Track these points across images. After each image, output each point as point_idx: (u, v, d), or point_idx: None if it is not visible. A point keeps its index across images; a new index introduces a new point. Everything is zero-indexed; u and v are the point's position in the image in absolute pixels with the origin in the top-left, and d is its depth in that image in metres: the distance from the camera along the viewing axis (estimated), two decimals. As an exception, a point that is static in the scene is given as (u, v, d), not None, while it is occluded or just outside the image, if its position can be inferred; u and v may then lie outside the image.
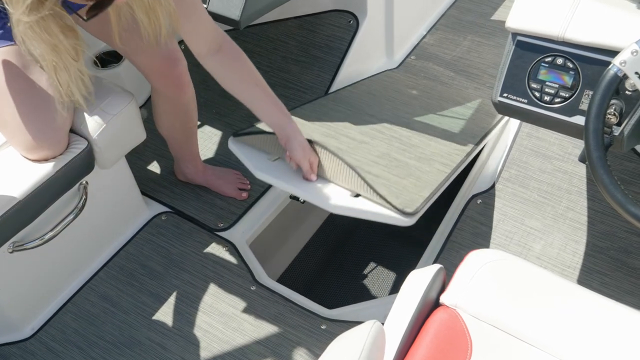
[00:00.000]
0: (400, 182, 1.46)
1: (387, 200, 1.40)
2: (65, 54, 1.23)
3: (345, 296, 2.03)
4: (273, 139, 1.57)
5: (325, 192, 1.47)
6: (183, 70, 1.62)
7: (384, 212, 1.41)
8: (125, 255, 1.82)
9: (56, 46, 1.20)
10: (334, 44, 2.26)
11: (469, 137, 1.73)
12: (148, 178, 2.01)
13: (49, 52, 1.21)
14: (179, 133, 1.80)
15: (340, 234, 2.20)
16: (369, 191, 1.43)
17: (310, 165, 1.49)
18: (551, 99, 1.24)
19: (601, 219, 1.75)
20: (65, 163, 1.49)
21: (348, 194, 1.46)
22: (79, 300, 1.73)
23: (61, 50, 1.22)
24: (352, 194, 1.46)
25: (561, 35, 1.19)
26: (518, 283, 1.17)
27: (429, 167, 1.54)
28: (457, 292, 1.17)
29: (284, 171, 1.53)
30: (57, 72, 1.27)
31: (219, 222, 1.88)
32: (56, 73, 1.27)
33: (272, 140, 1.58)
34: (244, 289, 1.72)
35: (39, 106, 1.42)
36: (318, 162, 1.50)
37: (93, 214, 1.71)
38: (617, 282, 1.64)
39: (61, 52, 1.22)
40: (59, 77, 1.28)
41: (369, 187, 1.42)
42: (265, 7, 1.68)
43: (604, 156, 1.07)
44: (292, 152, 1.48)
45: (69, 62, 1.25)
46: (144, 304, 1.71)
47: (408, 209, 1.39)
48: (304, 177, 1.51)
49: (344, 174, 1.47)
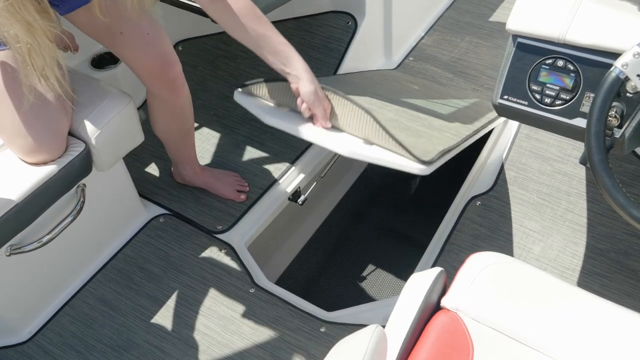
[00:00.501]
0: (414, 138, 1.40)
1: (404, 146, 1.32)
2: (41, 35, 1.22)
3: (344, 298, 2.02)
4: (283, 87, 1.45)
5: (340, 138, 1.39)
6: (178, 73, 1.61)
7: (399, 159, 1.33)
8: (123, 258, 1.81)
9: (31, 25, 1.19)
10: (332, 45, 2.25)
11: (476, 118, 1.67)
12: (146, 180, 2.00)
13: (24, 32, 1.20)
14: (175, 135, 1.79)
15: (338, 235, 2.20)
16: (385, 137, 1.34)
17: (324, 112, 1.40)
18: (552, 101, 1.23)
19: (600, 221, 1.75)
20: (63, 166, 1.48)
21: (362, 142, 1.39)
22: (76, 303, 1.72)
23: (36, 30, 1.21)
24: (367, 143, 1.38)
25: (562, 37, 1.19)
26: (519, 286, 1.16)
27: (440, 134, 1.46)
28: (458, 295, 1.16)
29: (296, 118, 1.44)
30: (31, 55, 1.25)
31: (217, 225, 1.87)
32: (30, 56, 1.25)
33: (282, 89, 1.46)
34: (243, 292, 1.71)
35: (38, 110, 1.41)
36: (331, 109, 1.41)
37: (91, 216, 1.70)
38: (618, 284, 1.63)
39: (36, 32, 1.21)
40: (34, 60, 1.26)
41: (386, 132, 1.33)
42: (266, 7, 1.68)
43: (605, 159, 1.07)
44: (305, 96, 1.38)
45: (44, 43, 1.24)
46: (142, 306, 1.70)
47: (425, 157, 1.31)
48: (316, 124, 1.43)
49: (358, 121, 1.37)
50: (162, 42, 1.55)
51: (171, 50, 1.58)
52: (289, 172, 2.00)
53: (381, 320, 1.65)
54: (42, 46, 1.24)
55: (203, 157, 2.06)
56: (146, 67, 1.56)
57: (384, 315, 1.66)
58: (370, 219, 2.24)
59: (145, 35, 1.51)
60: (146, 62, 1.55)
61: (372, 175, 2.37)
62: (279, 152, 2.06)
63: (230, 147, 2.09)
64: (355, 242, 2.17)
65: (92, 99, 1.57)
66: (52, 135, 1.44)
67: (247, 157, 2.05)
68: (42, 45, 1.24)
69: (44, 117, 1.42)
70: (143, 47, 1.52)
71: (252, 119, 2.14)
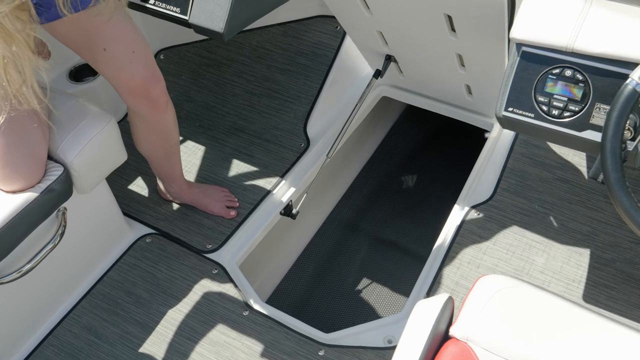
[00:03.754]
0: None
1: None
2: (22, 45, 1.13)
3: (341, 315, 1.95)
4: None
5: None
6: (162, 91, 1.52)
7: None
8: (108, 282, 1.72)
9: (10, 34, 1.10)
10: (321, 51, 2.17)
11: None
12: (130, 198, 1.91)
13: (1, 43, 1.10)
14: (160, 153, 1.70)
15: (331, 248, 2.12)
16: None
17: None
18: (560, 113, 1.17)
19: (605, 229, 1.69)
20: (42, 191, 1.40)
21: None
22: (60, 333, 1.63)
23: (15, 40, 1.11)
24: None
25: (570, 45, 1.12)
26: (531, 313, 1.10)
27: None
28: (467, 323, 1.09)
29: None
30: (7, 69, 1.14)
31: (207, 243, 1.79)
32: (5, 70, 1.14)
33: None
34: (236, 315, 1.64)
35: (14, 137, 1.32)
36: None
37: (73, 241, 1.61)
38: (625, 295, 1.58)
39: (15, 42, 1.11)
40: (9, 75, 1.15)
41: None
42: (251, 17, 1.59)
43: (622, 177, 1.00)
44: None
45: (24, 54, 1.14)
46: (130, 334, 1.62)
47: None
48: None
49: None
50: (147, 59, 1.46)
51: (156, 67, 1.50)
52: (279, 185, 1.92)
53: (382, 342, 1.58)
54: (22, 57, 1.14)
55: (189, 171, 1.98)
56: (130, 86, 1.47)
57: (385, 336, 1.59)
58: (363, 229, 2.17)
59: (130, 54, 1.41)
60: (130, 82, 1.45)
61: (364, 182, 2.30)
62: (268, 164, 1.98)
63: (217, 160, 2.00)
64: (349, 254, 2.10)
65: (71, 119, 1.49)
66: (30, 162, 1.35)
67: (236, 170, 1.97)
68: (22, 56, 1.14)
69: (20, 144, 1.33)
70: (127, 65, 1.42)
71: (239, 129, 2.06)
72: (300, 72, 2.16)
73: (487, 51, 1.49)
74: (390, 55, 1.81)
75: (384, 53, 1.80)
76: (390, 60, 1.82)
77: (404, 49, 1.72)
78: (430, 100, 2.08)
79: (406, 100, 2.14)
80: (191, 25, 1.54)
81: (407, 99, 2.13)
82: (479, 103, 1.92)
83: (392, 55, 1.80)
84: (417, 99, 2.11)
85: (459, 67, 1.66)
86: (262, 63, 2.22)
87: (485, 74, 1.64)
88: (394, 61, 1.83)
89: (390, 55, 1.81)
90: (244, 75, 2.21)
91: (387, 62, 1.82)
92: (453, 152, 2.34)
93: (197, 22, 1.53)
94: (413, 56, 1.74)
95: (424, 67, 1.79)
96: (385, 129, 2.45)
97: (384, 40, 1.71)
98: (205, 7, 1.51)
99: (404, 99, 2.14)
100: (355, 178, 2.31)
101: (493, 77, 1.61)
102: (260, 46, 2.25)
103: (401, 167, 2.34)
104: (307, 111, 2.08)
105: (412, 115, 2.47)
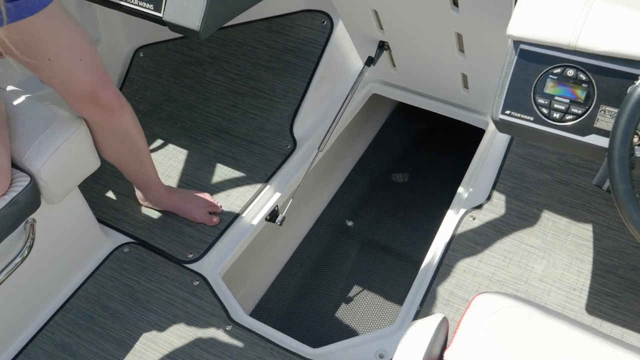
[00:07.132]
0: None
1: None
2: None
3: (329, 326, 1.86)
4: None
5: None
6: (113, 94, 1.39)
7: None
8: (83, 296, 1.63)
9: None
10: (307, 48, 2.08)
11: None
12: (107, 205, 1.82)
13: None
14: (128, 159, 1.59)
15: (319, 254, 2.03)
16: None
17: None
18: (561, 116, 1.07)
19: (607, 234, 1.60)
20: (6, 203, 1.30)
21: None
22: (32, 351, 1.54)
23: None
24: None
25: (572, 43, 1.03)
26: (531, 335, 1.01)
27: None
28: (463, 347, 1.01)
29: None
30: None
31: (188, 253, 1.70)
32: None
33: None
34: (219, 330, 1.55)
35: None
36: None
37: (44, 253, 1.51)
38: (629, 304, 1.49)
39: None
40: None
41: None
42: (230, 13, 1.50)
43: (632, 189, 0.92)
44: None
45: None
46: (106, 351, 1.53)
47: None
48: None
49: None
50: (94, 65, 1.33)
51: (104, 71, 1.36)
52: (265, 189, 1.83)
53: (373, 356, 1.49)
54: None
55: (169, 176, 1.88)
56: (79, 94, 1.35)
57: (377, 349, 1.51)
58: (353, 232, 2.08)
59: (77, 62, 1.29)
60: (79, 90, 1.33)
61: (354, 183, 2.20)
62: (253, 167, 1.88)
63: (199, 163, 1.91)
64: (339, 260, 2.01)
65: (37, 124, 1.39)
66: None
67: (219, 174, 1.88)
68: None
69: None
70: (75, 74, 1.30)
71: (222, 131, 1.96)
72: (286, 69, 2.06)
73: (490, 29, 1.39)
74: (384, 42, 1.71)
75: (378, 39, 1.71)
76: (383, 48, 1.73)
77: (399, 32, 1.62)
78: (423, 98, 1.99)
79: (398, 97, 2.05)
80: (165, 23, 1.44)
81: (399, 96, 2.04)
82: (475, 98, 1.82)
83: (385, 41, 1.71)
84: (409, 96, 2.02)
85: (457, 52, 1.57)
86: (246, 60, 2.12)
87: (485, 59, 1.54)
88: (387, 49, 1.74)
89: (383, 42, 1.72)
90: (227, 74, 2.11)
91: (380, 50, 1.73)
92: (446, 152, 2.25)
93: (171, 20, 1.43)
94: (409, 40, 1.64)
95: (420, 54, 1.69)
96: (375, 128, 2.36)
97: (378, 24, 1.62)
98: (180, 4, 1.42)
99: (395, 97, 2.05)
100: (344, 180, 2.22)
101: (494, 64, 1.51)
102: (244, 43, 2.15)
103: (393, 167, 2.25)
104: (294, 111, 1.99)
105: (404, 114, 2.38)
